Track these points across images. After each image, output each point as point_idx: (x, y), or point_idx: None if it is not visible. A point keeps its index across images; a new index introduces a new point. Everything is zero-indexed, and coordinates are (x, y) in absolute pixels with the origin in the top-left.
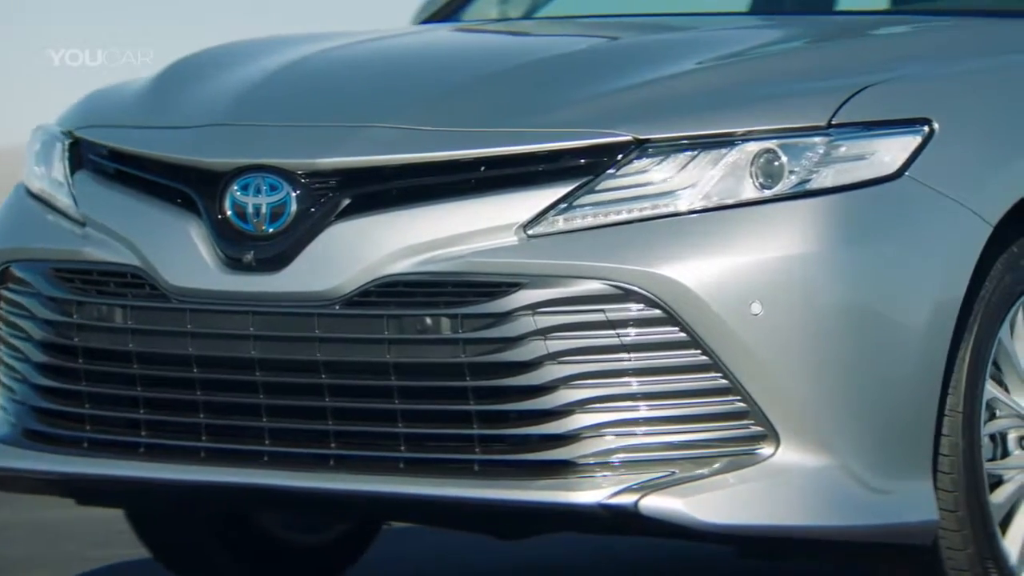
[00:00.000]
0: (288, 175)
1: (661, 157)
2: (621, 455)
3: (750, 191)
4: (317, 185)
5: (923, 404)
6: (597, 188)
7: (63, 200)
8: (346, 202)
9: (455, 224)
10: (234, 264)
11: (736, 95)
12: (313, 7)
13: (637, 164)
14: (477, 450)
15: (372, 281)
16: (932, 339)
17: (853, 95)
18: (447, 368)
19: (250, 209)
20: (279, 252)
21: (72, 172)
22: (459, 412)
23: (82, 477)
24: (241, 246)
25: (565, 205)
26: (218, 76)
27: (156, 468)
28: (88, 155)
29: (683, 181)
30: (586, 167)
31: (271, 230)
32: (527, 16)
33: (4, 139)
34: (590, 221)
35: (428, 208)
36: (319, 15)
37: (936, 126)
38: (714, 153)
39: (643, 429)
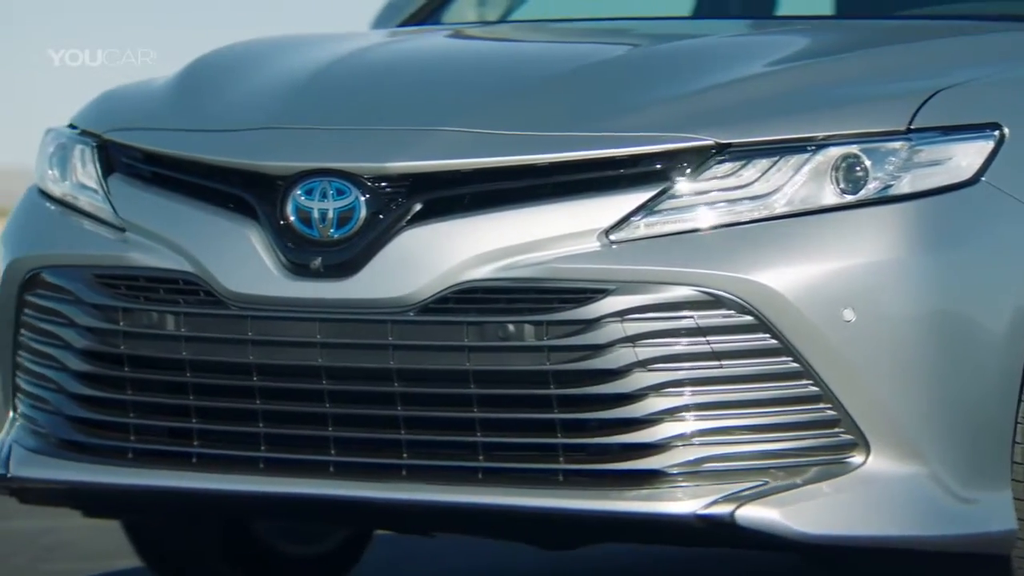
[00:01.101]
0: (356, 179)
1: (743, 162)
2: (711, 464)
3: (831, 196)
4: (387, 189)
5: (1003, 412)
6: (679, 193)
7: (97, 205)
8: (417, 207)
9: (534, 229)
10: (299, 270)
11: (814, 98)
12: (315, 7)
13: (718, 169)
14: (561, 459)
15: (449, 287)
16: (1011, 346)
17: (928, 99)
18: (531, 376)
19: (315, 214)
20: (349, 258)
21: (105, 176)
22: (542, 421)
23: (127, 488)
24: (306, 251)
25: (647, 210)
26: (251, 77)
27: (210, 479)
28: (120, 158)
29: (766, 186)
30: (667, 171)
31: (338, 235)
32: (528, 19)
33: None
34: (673, 226)
35: (505, 213)
36: (320, 16)
37: (1006, 131)
38: (796, 157)
39: (733, 438)
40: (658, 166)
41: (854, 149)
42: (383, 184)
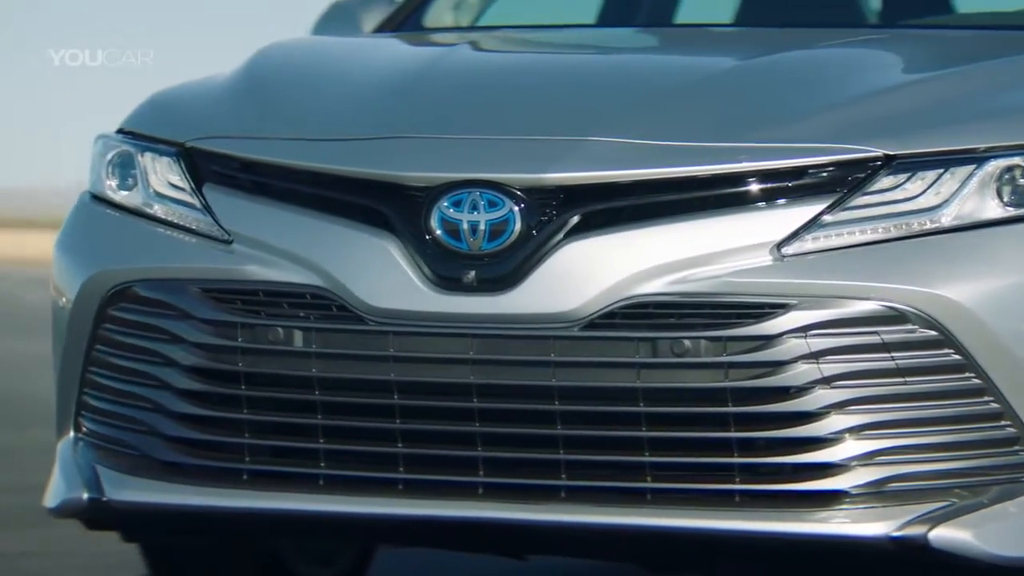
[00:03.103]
0: (508, 191)
1: (909, 173)
2: (895, 484)
3: (996, 208)
4: (542, 201)
5: None
6: (848, 205)
7: (191, 215)
8: (575, 219)
9: (702, 243)
10: (448, 284)
11: (976, 109)
12: (315, 7)
13: (886, 181)
14: (737, 480)
15: (617, 302)
16: None
17: None
18: (707, 393)
19: (465, 226)
20: (506, 272)
21: (198, 186)
22: (717, 440)
23: (244, 512)
24: (454, 265)
25: (818, 222)
26: (333, 82)
27: (341, 501)
28: (211, 168)
29: (934, 198)
30: (835, 183)
31: (490, 248)
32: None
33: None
34: (845, 239)
35: (670, 226)
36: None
37: None
38: (961, 169)
39: (915, 456)
40: (826, 177)
41: (1017, 160)
42: (538, 196)
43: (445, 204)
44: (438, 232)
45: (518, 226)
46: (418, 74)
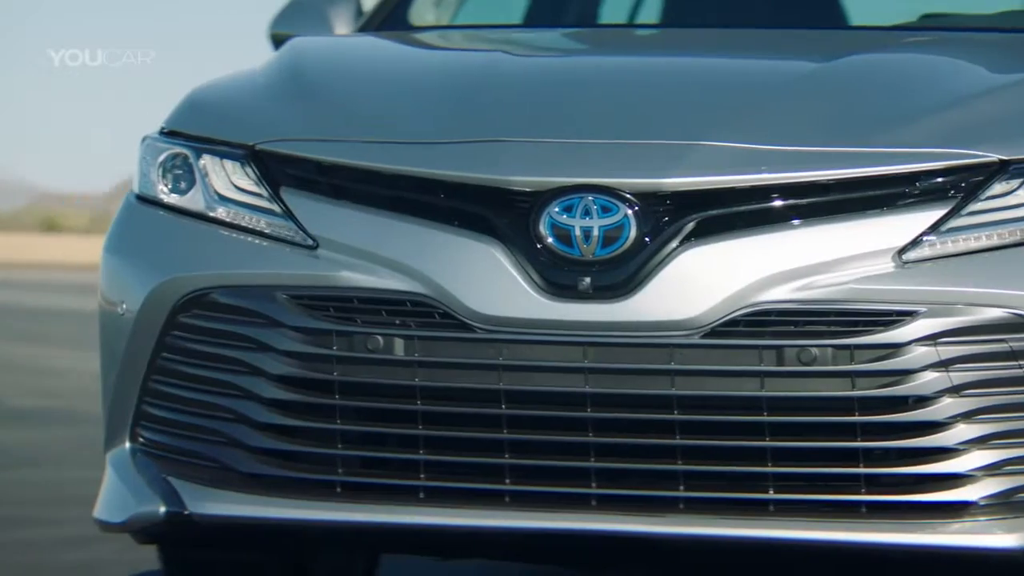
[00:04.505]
0: (621, 195)
1: (1021, 179)
2: (1022, 495)
3: None
4: (657, 207)
5: None
6: (966, 211)
7: (266, 220)
8: (691, 225)
9: (823, 249)
10: (560, 291)
11: None
12: None
13: (1000, 186)
14: (863, 491)
15: (739, 309)
16: None
17: None
18: (833, 403)
19: (577, 232)
20: (622, 279)
21: (274, 190)
22: (843, 449)
23: (339, 525)
24: (566, 271)
25: (937, 228)
26: (397, 82)
27: (443, 513)
28: (285, 171)
29: None
30: (951, 188)
31: (603, 255)
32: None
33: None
34: (963, 245)
35: (789, 232)
36: None
37: None
38: None
39: None
40: (942, 182)
41: None
42: (652, 201)
43: (556, 209)
44: (549, 238)
45: (633, 232)
46: (483, 75)
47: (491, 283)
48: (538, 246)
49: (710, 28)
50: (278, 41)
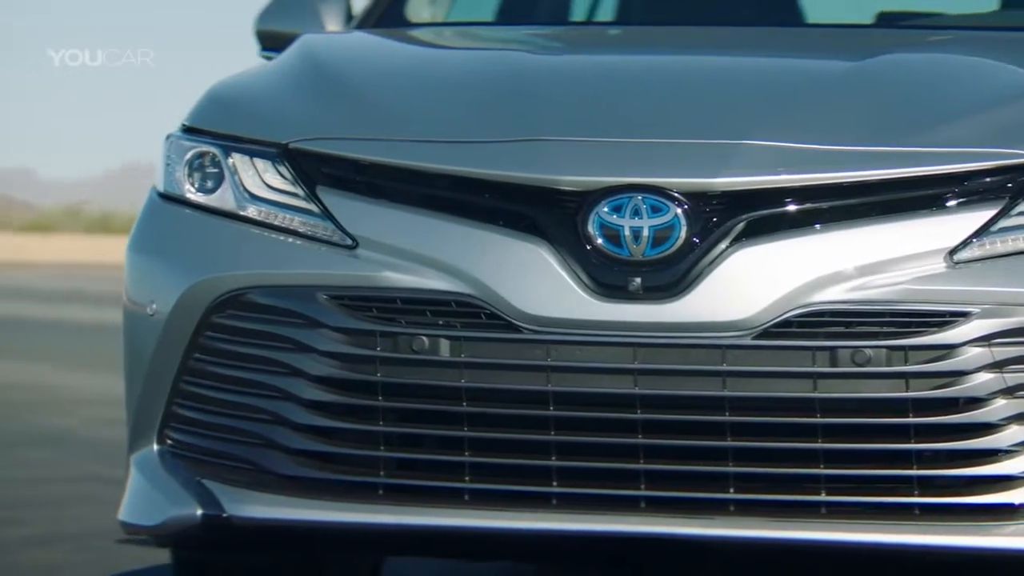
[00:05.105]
0: (671, 195)
1: None
2: None
3: None
4: (707, 206)
5: None
6: (1016, 211)
7: (305, 219)
8: (741, 225)
9: (874, 250)
10: (609, 291)
11: None
12: None
13: None
14: (916, 493)
15: (792, 310)
16: None
17: None
18: (886, 404)
19: (627, 232)
20: (672, 279)
21: (310, 189)
22: (896, 452)
23: (383, 528)
24: (615, 272)
25: (987, 228)
26: (428, 80)
27: (489, 516)
28: (321, 170)
29: None
30: (999, 188)
31: (653, 255)
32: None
33: None
34: (1012, 246)
35: (840, 233)
36: None
37: None
38: None
39: None
40: (990, 182)
41: None
42: (702, 201)
43: (605, 209)
44: (598, 239)
45: (683, 232)
46: (517, 73)
47: (538, 283)
48: (587, 247)
49: (729, 27)
50: (265, 38)
